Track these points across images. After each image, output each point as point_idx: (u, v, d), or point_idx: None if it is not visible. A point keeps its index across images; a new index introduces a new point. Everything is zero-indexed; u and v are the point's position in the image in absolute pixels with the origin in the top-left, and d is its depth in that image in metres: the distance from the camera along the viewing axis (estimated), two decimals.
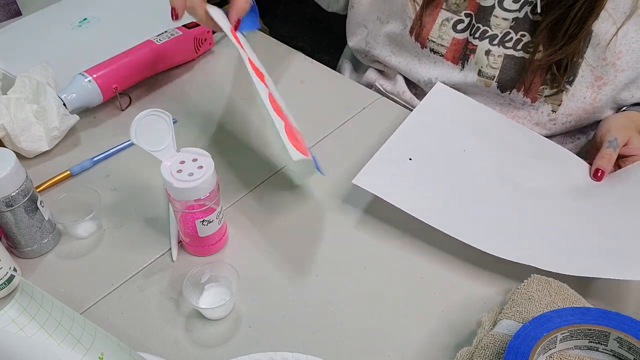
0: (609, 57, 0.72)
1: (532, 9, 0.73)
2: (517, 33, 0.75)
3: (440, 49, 0.80)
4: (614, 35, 0.70)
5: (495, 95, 0.80)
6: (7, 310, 0.50)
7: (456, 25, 0.78)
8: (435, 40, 0.80)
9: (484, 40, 0.77)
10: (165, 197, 0.66)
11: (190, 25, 0.85)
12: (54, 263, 0.61)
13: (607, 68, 0.73)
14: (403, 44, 0.84)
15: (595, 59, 0.72)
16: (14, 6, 0.97)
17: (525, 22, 0.74)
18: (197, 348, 0.54)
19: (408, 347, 0.54)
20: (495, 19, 0.75)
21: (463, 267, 0.60)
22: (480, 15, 0.76)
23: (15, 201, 0.56)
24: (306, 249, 0.63)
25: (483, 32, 0.76)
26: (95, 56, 0.79)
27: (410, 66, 0.84)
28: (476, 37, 0.77)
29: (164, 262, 0.61)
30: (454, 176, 0.67)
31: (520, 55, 0.76)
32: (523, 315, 0.51)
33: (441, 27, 0.79)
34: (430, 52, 0.81)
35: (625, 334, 0.45)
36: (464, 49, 0.79)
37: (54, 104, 0.70)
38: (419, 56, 0.83)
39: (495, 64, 0.77)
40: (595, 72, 0.73)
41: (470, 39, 0.78)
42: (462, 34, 0.78)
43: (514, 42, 0.75)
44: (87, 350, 0.49)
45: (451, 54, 0.80)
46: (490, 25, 0.75)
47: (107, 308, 0.57)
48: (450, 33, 0.79)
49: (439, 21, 0.79)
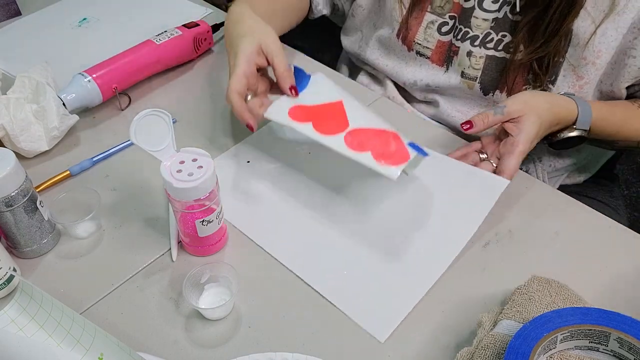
0: (588, 56, 0.71)
1: (511, 9, 0.73)
2: (497, 33, 0.75)
3: (426, 52, 0.81)
4: (593, 34, 0.70)
5: (479, 98, 0.80)
6: (7, 310, 0.50)
7: (441, 28, 0.79)
8: (421, 43, 0.81)
9: (465, 41, 0.77)
10: (165, 197, 0.66)
11: (190, 25, 0.85)
12: (54, 263, 0.61)
13: (588, 67, 0.72)
14: (391, 47, 0.85)
15: (576, 59, 0.72)
16: (14, 6, 0.97)
17: (505, 22, 0.74)
18: (197, 348, 0.54)
19: (408, 347, 0.54)
20: (476, 20, 0.75)
21: (463, 267, 0.60)
22: (462, 17, 0.76)
23: (14, 201, 0.56)
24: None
25: (465, 33, 0.77)
26: (95, 56, 0.79)
27: (396, 69, 0.85)
28: (458, 38, 0.78)
29: (164, 262, 0.61)
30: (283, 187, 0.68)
31: (502, 55, 0.76)
32: (523, 315, 0.51)
33: (426, 29, 0.79)
34: (416, 54, 0.82)
35: (625, 334, 0.45)
36: (448, 50, 0.79)
37: (54, 103, 0.70)
38: (406, 59, 0.84)
39: (477, 64, 0.78)
40: (577, 72, 0.73)
41: (454, 41, 0.78)
42: (446, 36, 0.79)
43: (495, 43, 0.76)
44: (87, 350, 0.49)
45: (436, 56, 0.81)
46: (471, 26, 0.76)
47: (107, 308, 0.57)
48: (435, 35, 0.79)
49: (425, 24, 0.79)
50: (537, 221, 0.65)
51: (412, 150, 0.60)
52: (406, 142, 0.61)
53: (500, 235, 0.63)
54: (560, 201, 0.68)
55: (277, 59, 0.68)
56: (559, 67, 0.73)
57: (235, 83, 0.66)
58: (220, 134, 0.76)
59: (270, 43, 0.69)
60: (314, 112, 0.66)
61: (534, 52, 0.72)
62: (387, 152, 0.60)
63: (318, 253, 0.62)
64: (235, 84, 0.66)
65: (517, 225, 0.64)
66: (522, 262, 0.61)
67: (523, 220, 0.65)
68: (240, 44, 0.68)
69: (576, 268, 0.60)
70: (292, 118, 0.65)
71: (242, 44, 0.68)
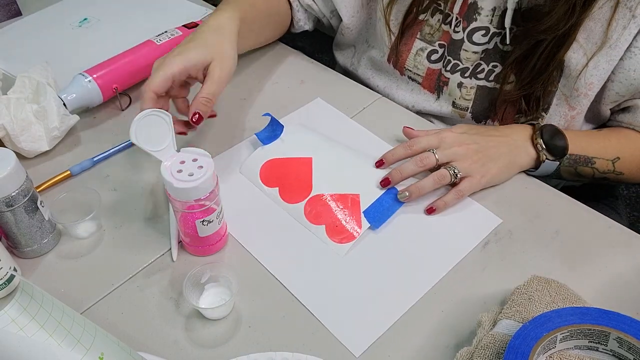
0: (580, 88, 0.70)
1: (501, 40, 0.72)
2: (488, 64, 0.74)
3: (417, 78, 0.80)
4: (585, 66, 0.68)
5: (472, 123, 0.79)
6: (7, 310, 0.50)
7: (430, 56, 0.78)
8: (411, 69, 0.80)
9: (455, 73, 0.76)
10: (166, 197, 0.66)
11: (190, 26, 0.85)
12: (54, 263, 0.61)
13: (580, 98, 0.71)
14: (383, 69, 0.84)
15: (568, 89, 0.71)
16: (14, 6, 0.97)
17: (496, 52, 0.73)
18: (197, 348, 0.54)
19: (408, 347, 0.54)
20: (465, 53, 0.74)
21: (463, 267, 0.60)
22: (451, 48, 0.75)
23: (15, 201, 0.56)
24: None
25: (454, 65, 0.76)
26: (95, 56, 0.79)
27: (388, 90, 0.84)
28: (448, 69, 0.77)
29: (164, 262, 0.61)
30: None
31: (492, 85, 0.75)
32: (523, 315, 0.51)
33: (416, 56, 0.79)
34: (408, 78, 0.81)
35: (625, 334, 0.45)
36: (438, 80, 0.79)
37: (54, 104, 0.70)
38: (398, 82, 0.83)
39: (468, 95, 0.77)
40: (569, 102, 0.72)
41: (443, 71, 0.77)
42: (436, 64, 0.78)
43: (485, 73, 0.75)
44: (87, 350, 0.49)
45: (427, 82, 0.80)
46: (461, 58, 0.75)
47: (107, 308, 0.57)
48: (424, 63, 0.78)
49: (414, 51, 0.78)
50: (537, 221, 0.65)
51: (365, 221, 0.63)
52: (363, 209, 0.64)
53: (500, 235, 0.63)
54: (560, 201, 0.68)
55: (211, 84, 0.64)
56: (552, 96, 0.72)
57: (159, 82, 0.62)
58: (221, 134, 0.76)
59: (219, 68, 0.64)
60: (282, 171, 0.69)
61: (522, 88, 0.71)
62: (339, 228, 0.63)
63: (303, 260, 0.62)
64: (159, 82, 0.62)
65: (517, 225, 0.64)
66: (522, 262, 0.61)
67: (523, 220, 0.65)
68: (195, 46, 0.65)
69: (576, 268, 0.60)
70: (262, 180, 0.68)
71: (195, 48, 0.64)
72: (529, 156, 0.69)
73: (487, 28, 0.72)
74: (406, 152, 0.68)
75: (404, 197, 0.65)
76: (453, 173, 0.65)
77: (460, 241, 0.63)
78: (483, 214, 0.65)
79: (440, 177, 0.65)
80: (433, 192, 0.66)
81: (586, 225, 0.65)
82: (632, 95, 0.70)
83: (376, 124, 0.77)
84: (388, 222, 0.64)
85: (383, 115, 0.79)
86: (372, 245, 0.63)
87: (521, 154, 0.68)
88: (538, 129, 0.69)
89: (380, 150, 0.70)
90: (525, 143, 0.69)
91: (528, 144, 0.69)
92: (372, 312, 0.57)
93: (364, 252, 0.62)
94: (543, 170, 0.69)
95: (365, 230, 0.63)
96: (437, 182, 0.65)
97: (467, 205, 0.66)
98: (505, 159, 0.67)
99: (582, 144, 0.70)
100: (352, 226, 0.63)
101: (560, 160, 0.68)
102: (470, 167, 0.66)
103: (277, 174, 0.69)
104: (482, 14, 0.71)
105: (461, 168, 0.65)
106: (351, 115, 0.79)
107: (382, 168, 0.69)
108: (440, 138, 0.68)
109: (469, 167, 0.65)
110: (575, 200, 0.68)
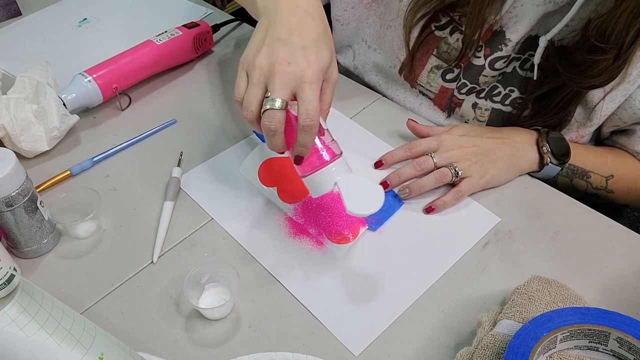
0: (594, 119, 0.70)
1: (520, 64, 0.71)
2: (505, 88, 0.73)
3: (428, 93, 0.79)
4: (602, 99, 0.68)
5: None
6: (7, 310, 0.51)
7: (445, 75, 0.76)
8: (423, 85, 0.78)
9: (470, 95, 0.75)
10: (164, 196, 0.66)
11: (190, 25, 0.85)
12: (54, 263, 0.61)
13: (592, 128, 0.72)
14: (392, 78, 0.82)
15: (583, 118, 0.71)
16: (14, 6, 0.97)
17: (514, 77, 0.72)
18: (197, 348, 0.54)
19: (408, 347, 0.54)
20: (484, 78, 0.73)
21: (463, 267, 0.60)
22: (469, 72, 0.73)
23: (15, 201, 0.56)
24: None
25: (470, 88, 0.74)
26: (96, 56, 0.79)
27: (397, 99, 0.83)
28: (462, 92, 0.75)
29: (164, 262, 0.61)
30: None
31: (508, 110, 0.74)
32: (523, 315, 0.51)
33: (430, 73, 0.76)
34: (419, 92, 0.80)
35: (625, 334, 0.45)
36: (450, 100, 0.77)
37: (54, 104, 0.70)
38: (406, 93, 0.81)
39: (482, 117, 0.76)
40: (579, 130, 0.73)
41: (456, 92, 0.76)
42: (450, 83, 0.76)
43: (502, 97, 0.73)
44: (87, 350, 0.49)
45: (439, 100, 0.78)
46: (479, 82, 0.73)
47: (107, 308, 0.57)
48: (438, 81, 0.76)
49: (428, 67, 0.76)
50: (537, 221, 0.65)
51: (364, 222, 0.63)
52: None
53: (500, 235, 0.63)
54: (560, 201, 0.68)
55: (331, 92, 0.57)
56: (566, 124, 0.73)
57: (316, 99, 0.52)
58: (220, 134, 0.76)
59: (336, 70, 0.58)
60: (281, 170, 0.68)
61: (541, 119, 0.71)
62: (338, 228, 0.63)
63: (302, 260, 0.61)
64: (316, 100, 0.52)
65: (517, 225, 0.64)
66: (522, 262, 0.61)
67: (523, 220, 0.65)
68: (323, 44, 0.55)
69: (576, 268, 0.60)
70: (261, 179, 0.68)
71: (325, 47, 0.55)
72: (531, 159, 0.69)
73: (508, 55, 0.70)
74: (405, 154, 0.68)
75: (405, 194, 0.65)
76: (454, 172, 0.65)
77: (459, 240, 0.63)
78: (482, 213, 0.66)
79: (442, 176, 0.65)
80: (432, 191, 0.66)
81: (586, 225, 0.65)
82: (633, 122, 0.71)
83: (376, 124, 0.77)
84: (387, 221, 0.64)
85: (383, 115, 0.79)
86: (371, 245, 0.63)
87: (523, 157, 0.69)
88: (544, 132, 0.69)
89: (380, 150, 0.70)
90: (528, 146, 0.69)
91: (531, 147, 0.69)
92: (372, 312, 0.57)
93: (363, 251, 0.62)
94: (544, 175, 0.70)
95: (364, 230, 0.63)
96: (438, 180, 0.65)
97: (467, 204, 0.67)
98: (506, 160, 0.68)
99: (582, 156, 0.71)
100: (351, 226, 0.63)
101: (562, 166, 0.69)
102: (470, 167, 0.66)
103: (276, 173, 0.69)
104: (509, 45, 0.68)
105: (461, 168, 0.65)
106: (351, 116, 0.79)
107: (380, 169, 0.69)
108: (439, 141, 0.68)
109: (468, 168, 0.66)
110: (575, 200, 0.68)
